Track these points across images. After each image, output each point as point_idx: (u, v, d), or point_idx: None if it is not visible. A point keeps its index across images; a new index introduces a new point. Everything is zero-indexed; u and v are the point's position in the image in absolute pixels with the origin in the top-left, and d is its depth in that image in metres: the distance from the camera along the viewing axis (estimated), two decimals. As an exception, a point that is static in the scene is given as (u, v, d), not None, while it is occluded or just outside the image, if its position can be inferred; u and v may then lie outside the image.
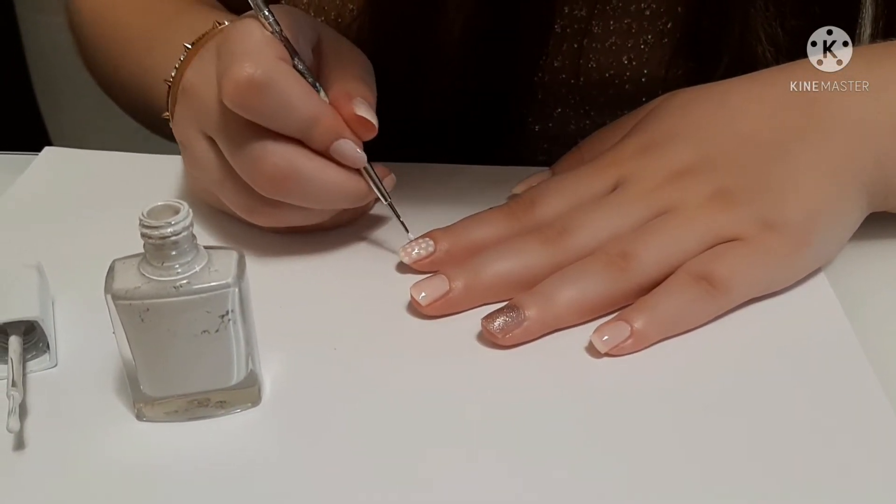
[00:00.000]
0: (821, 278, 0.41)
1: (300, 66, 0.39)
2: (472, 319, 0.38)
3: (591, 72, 0.52)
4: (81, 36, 0.62)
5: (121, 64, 0.57)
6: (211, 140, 0.41)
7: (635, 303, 0.38)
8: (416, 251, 0.41)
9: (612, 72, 0.52)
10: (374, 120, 0.40)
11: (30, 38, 0.95)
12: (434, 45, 0.51)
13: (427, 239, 0.41)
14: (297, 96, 0.38)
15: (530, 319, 0.37)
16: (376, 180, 0.41)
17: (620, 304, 0.39)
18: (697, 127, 0.42)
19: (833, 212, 0.40)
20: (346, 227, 0.45)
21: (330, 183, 0.40)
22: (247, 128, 0.39)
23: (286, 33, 0.39)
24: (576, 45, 0.51)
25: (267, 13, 0.39)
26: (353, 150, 0.40)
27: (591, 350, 0.37)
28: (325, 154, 0.40)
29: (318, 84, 0.40)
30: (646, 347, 0.37)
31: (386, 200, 0.42)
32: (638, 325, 0.37)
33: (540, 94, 0.53)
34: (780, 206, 0.39)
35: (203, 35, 0.44)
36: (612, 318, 0.38)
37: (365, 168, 0.41)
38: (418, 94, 0.53)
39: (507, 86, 0.53)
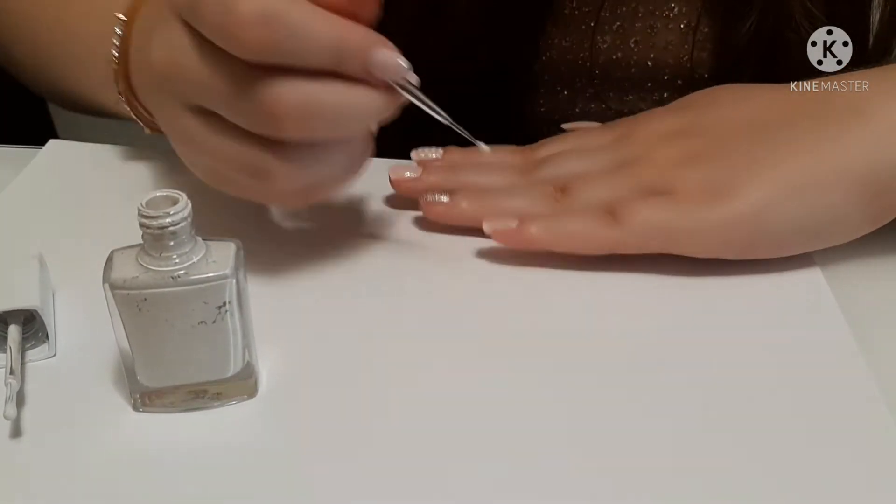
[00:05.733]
0: (819, 280, 0.41)
1: None
2: (471, 314, 0.39)
3: (598, 54, 0.53)
4: None
5: (37, 48, 0.51)
6: (203, 112, 0.36)
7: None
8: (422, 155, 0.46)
9: (618, 54, 0.53)
10: None
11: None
12: (439, 23, 0.51)
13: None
14: (315, 19, 0.33)
15: (460, 208, 0.42)
16: (417, 93, 0.37)
17: None
18: (709, 103, 0.44)
19: (797, 198, 0.39)
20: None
21: (358, 102, 0.35)
22: (249, 76, 0.34)
23: None
24: (583, 27, 0.52)
25: None
26: (393, 60, 0.35)
27: (586, 346, 0.37)
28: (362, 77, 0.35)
29: None
30: (527, 249, 0.40)
31: (440, 115, 0.38)
32: (534, 229, 0.40)
33: (546, 76, 0.54)
34: (736, 180, 0.39)
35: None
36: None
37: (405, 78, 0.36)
38: (423, 72, 0.53)
39: (514, 65, 0.53)
